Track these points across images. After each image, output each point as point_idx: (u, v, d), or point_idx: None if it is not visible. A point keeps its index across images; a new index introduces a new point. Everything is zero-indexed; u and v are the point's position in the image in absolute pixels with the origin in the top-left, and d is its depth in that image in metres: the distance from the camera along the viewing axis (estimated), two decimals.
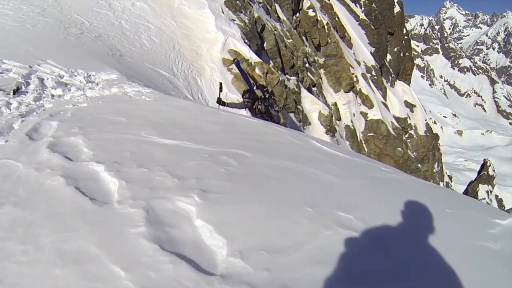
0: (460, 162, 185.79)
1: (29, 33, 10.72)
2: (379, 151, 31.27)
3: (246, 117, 5.36)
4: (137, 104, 5.51)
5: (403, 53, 52.30)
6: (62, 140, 3.72)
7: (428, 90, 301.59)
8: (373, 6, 47.31)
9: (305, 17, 28.49)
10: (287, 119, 18.17)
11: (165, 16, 16.87)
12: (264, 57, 18.90)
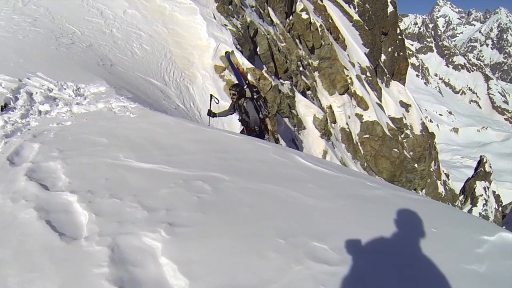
0: (457, 159, 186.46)
1: (20, 44, 10.66)
2: (375, 152, 31.27)
3: (229, 133, 5.29)
4: (120, 121, 5.47)
5: (397, 53, 52.34)
6: (41, 165, 3.73)
7: (423, 88, 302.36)
8: (367, 7, 47.35)
9: (299, 20, 28.46)
10: (281, 124, 18.14)
11: (156, 23, 16.79)
12: (257, 62, 18.84)
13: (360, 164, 30.00)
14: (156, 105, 10.61)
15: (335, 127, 27.57)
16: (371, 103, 31.54)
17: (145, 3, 17.79)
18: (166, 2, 17.87)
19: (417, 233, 2.85)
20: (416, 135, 45.14)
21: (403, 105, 46.35)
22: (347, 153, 28.05)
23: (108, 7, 16.60)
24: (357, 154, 29.74)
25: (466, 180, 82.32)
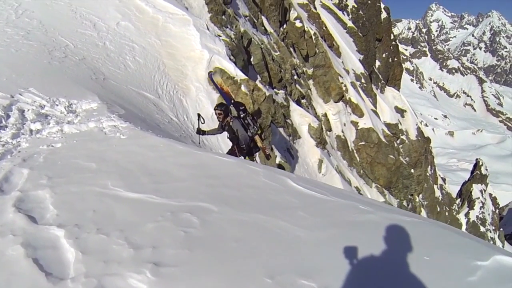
0: (453, 162, 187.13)
1: (13, 58, 10.56)
2: (371, 159, 31.29)
3: (220, 156, 5.25)
4: (110, 144, 5.43)
5: (391, 58, 52.54)
6: (30, 194, 3.70)
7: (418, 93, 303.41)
8: (360, 13, 47.56)
9: (292, 28, 28.52)
10: (276, 135, 18.11)
11: (149, 35, 16.74)
12: (251, 72, 18.83)
13: (356, 172, 30.02)
14: (149, 120, 10.57)
15: (330, 135, 27.58)
16: (366, 110, 31.58)
17: (138, 15, 17.73)
18: (159, 14, 17.81)
19: (410, 263, 2.82)
20: (411, 140, 45.27)
21: (398, 111, 46.51)
22: (343, 160, 28.05)
23: (101, 19, 16.50)
24: (353, 162, 29.75)
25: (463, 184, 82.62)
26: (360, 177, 30.77)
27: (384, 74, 48.70)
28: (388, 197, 33.73)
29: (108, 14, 17.05)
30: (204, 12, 19.46)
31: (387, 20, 53.94)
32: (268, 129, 16.11)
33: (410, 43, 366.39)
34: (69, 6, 16.48)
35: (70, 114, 7.78)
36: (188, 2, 19.82)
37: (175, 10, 17.97)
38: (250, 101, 14.74)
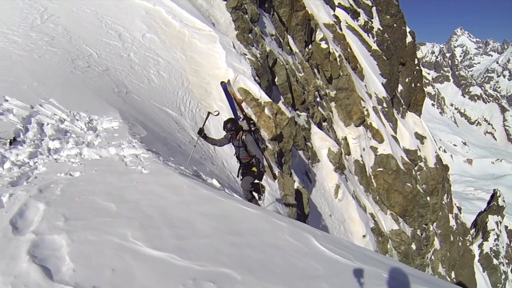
0: (470, 191, 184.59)
1: (36, 65, 10.45)
2: (388, 186, 30.78)
3: (243, 205, 4.95)
4: (131, 179, 5.17)
5: (414, 83, 52.07)
6: (45, 239, 3.44)
7: (438, 118, 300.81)
8: (385, 36, 47.31)
9: (318, 49, 28.32)
10: (295, 157, 17.79)
11: (175, 50, 16.60)
12: (275, 93, 18.62)
13: (372, 197, 29.55)
14: (170, 139, 10.34)
15: (349, 159, 27.20)
16: (386, 136, 31.15)
17: (164, 28, 17.64)
18: (185, 28, 17.71)
19: None
20: (430, 168, 44.67)
21: (418, 137, 45.97)
22: (359, 186, 27.61)
23: (127, 29, 16.41)
24: (370, 187, 29.28)
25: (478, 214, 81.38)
26: (376, 203, 30.27)
27: (406, 99, 48.21)
28: (403, 225, 33.15)
29: (134, 25, 16.97)
30: (231, 29, 19.34)
31: (412, 44, 53.63)
32: (288, 153, 15.80)
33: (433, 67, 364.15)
34: (95, 14, 16.46)
35: (90, 131, 7.58)
36: (216, 18, 19.73)
37: (202, 25, 17.87)
38: (273, 125, 14.50)
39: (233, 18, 19.64)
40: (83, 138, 7.08)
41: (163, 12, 18.33)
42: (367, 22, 46.29)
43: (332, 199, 21.47)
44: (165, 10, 18.38)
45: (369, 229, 23.54)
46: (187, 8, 18.70)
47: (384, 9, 51.03)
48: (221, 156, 12.99)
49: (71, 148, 6.41)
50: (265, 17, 23.34)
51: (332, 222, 20.38)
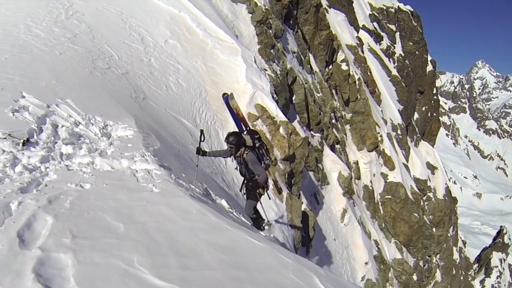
0: (476, 225, 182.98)
1: (56, 61, 10.45)
2: (394, 214, 30.47)
3: (251, 236, 4.83)
4: (141, 198, 5.09)
5: (431, 113, 51.80)
6: (51, 256, 3.38)
7: (451, 149, 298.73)
8: (406, 63, 47.20)
9: (338, 70, 28.25)
10: (305, 178, 17.63)
11: (196, 59, 16.56)
12: (291, 112, 18.51)
13: (378, 224, 29.25)
14: (183, 152, 10.26)
15: (358, 184, 26.99)
16: (398, 164, 30.91)
17: (187, 36, 17.64)
18: (209, 38, 17.70)
19: None
20: (438, 199, 44.24)
21: (430, 167, 45.62)
22: (366, 211, 27.34)
23: (150, 33, 16.42)
24: (377, 214, 28.99)
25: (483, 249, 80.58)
26: (381, 230, 29.94)
27: (421, 128, 47.91)
28: (406, 254, 32.78)
29: (158, 29, 16.97)
30: (253, 42, 19.32)
31: (432, 73, 53.43)
32: (299, 174, 15.64)
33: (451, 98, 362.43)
34: (120, 14, 16.49)
35: (104, 138, 7.51)
36: (239, 30, 19.73)
37: (225, 36, 17.85)
38: (286, 145, 14.37)
39: (257, 32, 19.62)
40: (96, 145, 7.02)
41: (187, 19, 18.34)
42: (390, 47, 46.22)
43: (338, 223, 21.24)
44: (190, 17, 18.39)
45: (372, 256, 23.26)
46: (212, 18, 18.70)
47: (408, 35, 50.95)
48: (232, 172, 12.85)
49: (84, 155, 6.34)
50: (288, 33, 23.32)
51: (336, 247, 20.14)
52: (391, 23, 50.18)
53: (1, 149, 5.54)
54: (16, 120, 6.51)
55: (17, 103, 7.11)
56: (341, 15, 34.83)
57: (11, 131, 6.01)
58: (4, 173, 5.01)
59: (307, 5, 25.89)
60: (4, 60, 9.23)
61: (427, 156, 46.35)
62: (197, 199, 5.87)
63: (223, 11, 20.39)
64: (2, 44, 10.42)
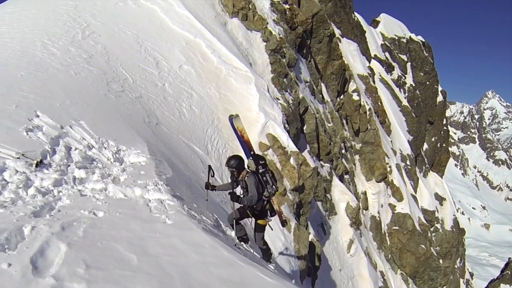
0: (484, 256, 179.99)
1: (71, 82, 10.59)
2: (401, 246, 30.20)
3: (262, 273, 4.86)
4: (154, 229, 5.10)
5: (440, 143, 51.67)
6: (65, 286, 3.40)
7: (460, 179, 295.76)
8: (417, 93, 47.31)
9: (349, 100, 28.40)
10: (313, 208, 17.59)
11: (209, 85, 16.71)
12: (302, 141, 18.58)
13: (384, 255, 28.99)
14: (194, 180, 10.31)
15: (366, 214, 26.86)
16: (406, 195, 30.76)
17: (202, 62, 17.83)
18: (223, 65, 17.87)
19: None
20: (446, 230, 43.88)
21: (438, 198, 45.36)
22: (373, 242, 27.13)
23: (165, 58, 16.59)
24: (383, 245, 28.75)
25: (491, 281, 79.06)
26: (387, 261, 29.65)
27: (430, 159, 47.75)
28: (412, 286, 32.39)
29: (173, 54, 17.15)
30: (267, 71, 19.49)
31: (442, 104, 53.49)
32: (307, 205, 15.63)
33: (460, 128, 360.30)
34: (136, 38, 16.69)
35: (117, 163, 7.56)
36: (253, 58, 19.94)
37: (239, 64, 18.02)
38: (296, 176, 14.41)
39: (271, 60, 19.83)
40: (109, 170, 7.04)
41: (203, 45, 18.54)
42: (401, 77, 46.43)
43: (344, 254, 21.08)
44: (205, 43, 18.59)
45: (377, 287, 23.01)
46: (227, 45, 18.91)
47: (419, 65, 51.20)
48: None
49: (97, 181, 6.38)
50: (301, 62, 23.55)
51: (341, 277, 19.96)
52: (403, 53, 50.51)
53: (15, 169, 5.59)
54: (30, 140, 6.59)
55: (31, 122, 7.18)
56: (353, 45, 35.13)
57: (24, 151, 6.07)
58: (17, 194, 5.06)
59: (321, 34, 26.19)
60: (20, 77, 9.40)
61: (435, 187, 46.09)
62: (209, 232, 5.90)
63: (237, 38, 20.64)
64: (18, 60, 10.62)
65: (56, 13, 16.04)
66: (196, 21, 19.37)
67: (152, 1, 19.97)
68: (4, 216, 4.38)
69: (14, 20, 14.91)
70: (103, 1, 18.79)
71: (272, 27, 21.48)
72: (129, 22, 17.82)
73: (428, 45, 54.58)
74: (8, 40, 12.41)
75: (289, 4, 24.61)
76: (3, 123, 6.78)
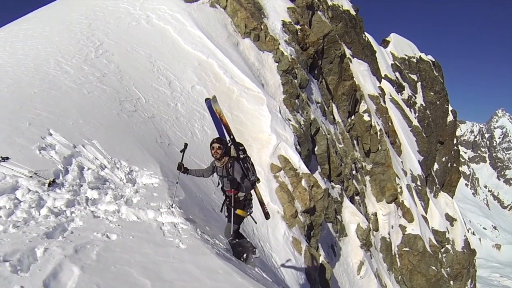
0: (495, 277, 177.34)
1: (84, 100, 10.66)
2: (412, 267, 29.84)
3: None
4: (168, 253, 5.08)
5: (451, 163, 51.35)
6: None
7: (470, 199, 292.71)
8: (427, 113, 47.23)
9: (360, 121, 28.42)
10: (324, 229, 17.50)
11: (222, 106, 16.69)
12: (313, 163, 18.57)
13: (394, 277, 28.64)
14: (206, 201, 10.33)
15: (376, 235, 26.64)
16: (416, 216, 30.50)
17: (214, 82, 17.92)
18: (235, 86, 17.94)
19: None
20: (457, 251, 43.35)
21: (449, 219, 44.95)
22: (383, 263, 26.86)
23: (178, 78, 16.67)
24: (393, 266, 28.43)
25: None
26: (397, 283, 29.29)
27: (440, 179, 47.44)
28: None
29: (185, 74, 17.24)
30: (279, 92, 19.57)
31: (453, 123, 53.30)
32: (318, 227, 15.57)
33: (471, 147, 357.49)
34: (149, 57, 16.83)
35: (129, 184, 7.56)
36: (265, 79, 20.04)
37: (251, 85, 18.09)
38: (307, 197, 14.38)
39: (283, 81, 19.93)
40: (121, 191, 7.04)
41: (215, 65, 18.66)
42: (411, 96, 46.44)
43: (354, 275, 20.88)
44: (217, 64, 18.71)
45: None
46: (239, 65, 19.03)
47: (429, 85, 51.22)
48: (252, 222, 12.84)
49: (109, 202, 6.38)
50: (313, 83, 23.65)
51: None
52: (413, 73, 50.58)
53: (27, 188, 5.63)
54: (42, 159, 6.63)
55: (44, 141, 7.24)
56: (364, 65, 35.25)
57: (37, 170, 6.12)
58: (29, 214, 5.07)
59: (332, 55, 26.34)
60: (33, 94, 9.52)
61: (446, 208, 45.69)
62: (222, 257, 5.88)
63: (250, 59, 20.79)
64: (31, 78, 10.75)
65: (69, 31, 16.27)
66: (208, 41, 19.54)
67: (165, 21, 20.22)
68: (17, 236, 4.38)
69: (28, 37, 15.17)
70: (116, 20, 19.07)
71: (284, 47, 21.64)
72: (142, 41, 18.02)
73: (438, 65, 54.65)
74: (22, 57, 12.62)
75: (301, 25, 24.79)
76: (16, 141, 6.85)
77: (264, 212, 7.84)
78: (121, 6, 20.66)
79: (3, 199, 5.19)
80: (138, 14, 20.23)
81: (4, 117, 7.72)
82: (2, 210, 4.98)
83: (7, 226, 4.61)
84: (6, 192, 5.40)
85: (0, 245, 4.05)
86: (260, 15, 22.89)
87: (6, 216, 4.88)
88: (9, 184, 5.56)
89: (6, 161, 6.10)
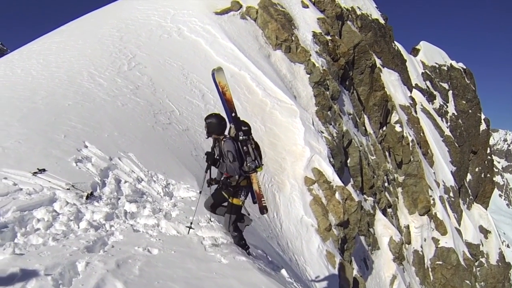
0: None
1: (118, 113, 10.74)
2: (445, 281, 29.19)
3: None
4: (210, 269, 5.04)
5: (484, 174, 50.24)
6: None
7: (505, 210, 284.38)
8: (459, 122, 46.39)
9: (392, 132, 28.13)
10: (357, 242, 17.33)
11: (255, 119, 16.76)
12: (346, 175, 18.46)
13: None
14: None
15: (408, 248, 26.20)
16: (450, 229, 29.89)
17: (247, 95, 17.94)
18: (268, 98, 17.94)
19: None
20: (491, 265, 42.28)
21: (483, 231, 43.94)
22: (415, 277, 26.36)
23: (211, 90, 16.59)
24: (426, 280, 27.87)
25: None
26: None
27: (473, 190, 46.43)
28: None
29: None
30: (311, 104, 19.54)
31: (486, 132, 52.22)
32: (352, 240, 15.45)
33: (504, 156, 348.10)
34: (181, 69, 16.91)
35: (166, 197, 7.58)
36: (297, 91, 20.05)
37: (284, 97, 18.08)
38: (341, 211, 14.31)
39: (315, 93, 19.91)
40: (159, 205, 7.03)
41: (247, 78, 18.68)
42: (442, 106, 45.73)
43: None
44: (250, 76, 18.72)
45: None
46: (271, 77, 19.04)
47: (461, 93, 50.36)
48: (286, 236, 12.84)
49: (148, 216, 6.35)
50: (344, 94, 23.57)
51: None
52: (444, 81, 49.84)
53: (65, 201, 5.64)
54: (79, 171, 6.68)
55: (80, 153, 7.30)
56: (394, 75, 34.92)
57: (74, 183, 6.16)
58: (68, 227, 5.05)
59: (363, 65, 26.22)
60: (67, 106, 9.61)
61: (480, 220, 44.69)
62: (264, 272, 5.86)
63: (281, 71, 20.83)
64: (65, 90, 10.86)
65: (102, 43, 16.55)
66: (240, 53, 19.63)
67: (196, 33, 20.39)
68: (57, 249, 4.34)
69: (60, 49, 15.44)
70: (148, 32, 19.30)
71: (315, 59, 21.63)
72: (174, 53, 18.18)
73: (470, 72, 53.72)
74: (55, 70, 12.83)
75: (331, 35, 24.77)
76: (52, 153, 6.92)
77: (260, 206, 6.66)
78: (152, 18, 20.95)
79: (41, 211, 5.16)
80: (169, 27, 20.46)
81: (40, 129, 7.81)
82: (40, 222, 4.93)
83: (47, 238, 4.56)
84: (44, 204, 5.37)
85: (41, 258, 4.00)
86: (291, 26, 22.95)
87: (45, 229, 4.83)
88: (46, 196, 5.56)
89: (43, 173, 6.13)
